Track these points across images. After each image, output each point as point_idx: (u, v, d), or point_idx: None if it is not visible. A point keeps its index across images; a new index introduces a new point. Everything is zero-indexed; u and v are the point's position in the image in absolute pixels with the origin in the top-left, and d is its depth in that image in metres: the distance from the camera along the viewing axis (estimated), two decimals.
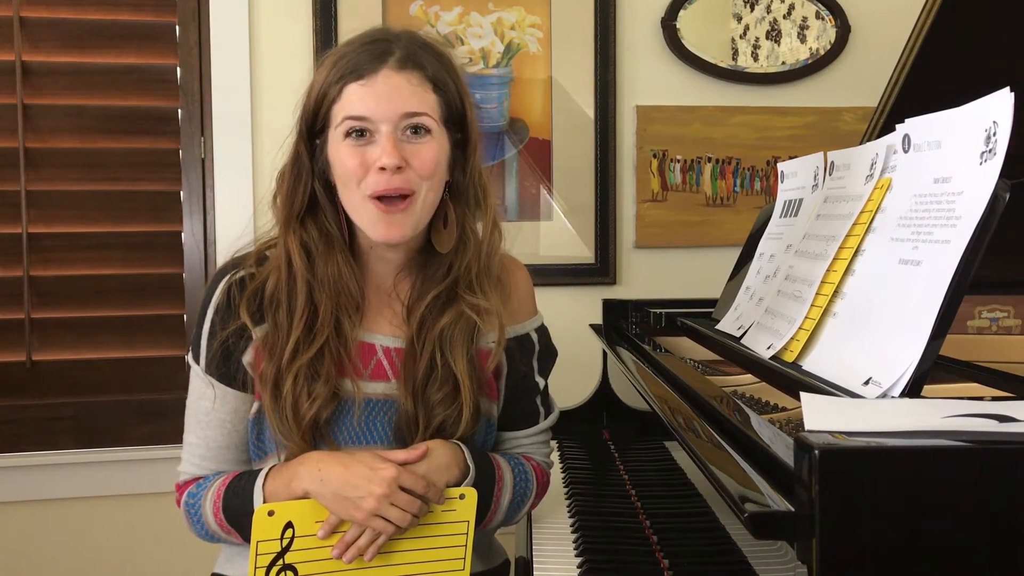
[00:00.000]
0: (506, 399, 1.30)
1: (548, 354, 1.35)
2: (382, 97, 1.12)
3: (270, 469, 1.17)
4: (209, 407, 1.20)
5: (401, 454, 1.14)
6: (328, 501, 1.11)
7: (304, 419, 1.14)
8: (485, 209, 1.24)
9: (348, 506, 1.10)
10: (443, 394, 1.19)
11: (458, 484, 1.17)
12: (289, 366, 1.14)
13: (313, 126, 1.18)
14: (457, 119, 1.20)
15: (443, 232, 1.21)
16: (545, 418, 1.34)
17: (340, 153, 1.14)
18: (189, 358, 1.23)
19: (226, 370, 1.19)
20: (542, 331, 1.35)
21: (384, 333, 1.23)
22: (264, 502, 1.14)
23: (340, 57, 1.16)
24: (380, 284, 1.25)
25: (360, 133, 1.13)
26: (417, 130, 1.14)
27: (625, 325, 1.81)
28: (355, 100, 1.13)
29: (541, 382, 1.33)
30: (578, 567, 1.18)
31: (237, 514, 1.16)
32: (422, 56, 1.16)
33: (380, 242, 1.17)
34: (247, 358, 1.19)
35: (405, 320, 1.22)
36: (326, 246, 1.19)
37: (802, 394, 0.78)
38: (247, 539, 1.13)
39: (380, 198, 1.13)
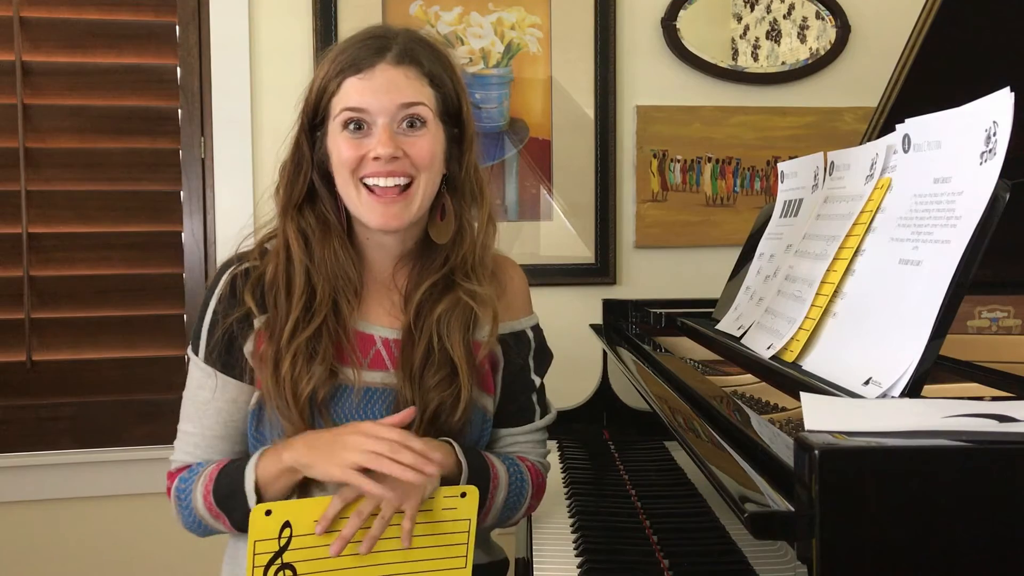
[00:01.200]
0: (502, 394, 1.30)
1: (544, 353, 1.36)
2: (379, 90, 1.15)
3: (264, 449, 1.17)
4: (208, 397, 1.21)
5: (395, 418, 1.13)
6: (316, 457, 1.09)
7: (301, 397, 1.15)
8: (481, 203, 1.26)
9: (336, 455, 1.07)
10: (439, 377, 1.20)
11: (452, 475, 1.17)
12: (288, 345, 1.16)
13: (314, 119, 1.21)
14: (453, 114, 1.22)
15: (440, 224, 1.24)
16: (541, 417, 1.34)
17: (338, 144, 1.17)
18: (189, 351, 1.24)
19: (227, 359, 1.20)
20: (537, 330, 1.36)
21: (382, 324, 1.24)
22: (256, 479, 1.14)
23: (340, 53, 1.19)
24: (378, 275, 1.27)
25: (358, 126, 1.16)
26: (413, 123, 1.17)
27: (625, 325, 1.80)
28: (353, 93, 1.16)
29: (537, 380, 1.34)
30: (578, 567, 1.18)
31: (227, 495, 1.15)
32: (419, 52, 1.19)
33: (378, 229, 1.19)
34: (248, 347, 1.20)
35: (403, 309, 1.24)
36: (323, 232, 1.22)
37: (802, 394, 0.78)
38: (235, 525, 1.14)
39: (375, 189, 1.16)
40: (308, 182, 1.22)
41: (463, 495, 1.16)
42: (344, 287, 1.20)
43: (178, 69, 2.11)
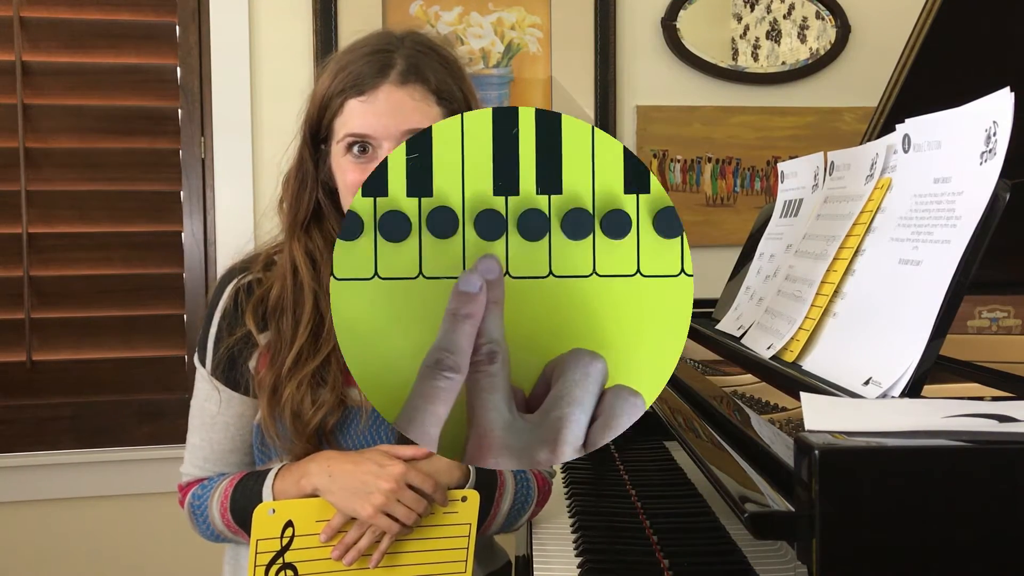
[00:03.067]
0: None
1: None
2: (383, 114, 1.11)
3: (280, 468, 1.17)
4: (215, 410, 1.20)
5: (409, 450, 1.14)
6: (336, 497, 1.10)
7: (309, 425, 1.14)
8: None
9: (356, 502, 1.09)
10: None
11: (460, 487, 1.17)
12: (291, 374, 1.14)
13: (317, 133, 1.17)
14: None
15: None
16: None
17: (342, 167, 1.14)
18: (195, 360, 1.23)
19: (232, 374, 1.19)
20: None
21: None
22: (273, 501, 1.14)
23: (341, 68, 1.14)
24: None
25: (362, 149, 1.12)
26: None
27: None
28: (356, 117, 1.12)
29: None
30: (578, 567, 1.18)
31: (245, 514, 1.15)
32: (425, 66, 1.14)
33: None
34: (253, 363, 1.18)
35: None
36: (331, 254, 1.18)
37: (802, 394, 0.78)
38: None
39: None
40: (314, 200, 1.18)
41: (464, 499, 1.16)
42: None
43: (178, 69, 2.11)
